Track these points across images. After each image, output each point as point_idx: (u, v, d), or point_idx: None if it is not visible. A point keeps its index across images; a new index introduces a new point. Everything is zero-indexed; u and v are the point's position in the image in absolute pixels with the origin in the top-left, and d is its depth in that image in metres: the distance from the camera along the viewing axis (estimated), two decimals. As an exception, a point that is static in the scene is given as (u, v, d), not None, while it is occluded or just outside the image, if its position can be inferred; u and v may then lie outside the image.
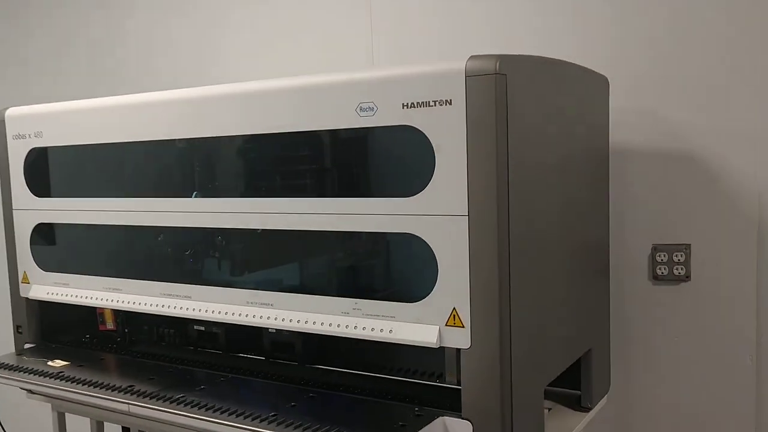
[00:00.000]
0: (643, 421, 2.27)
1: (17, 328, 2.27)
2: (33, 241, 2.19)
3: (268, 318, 1.72)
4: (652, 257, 2.20)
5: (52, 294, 2.15)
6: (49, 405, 2.20)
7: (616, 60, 2.16)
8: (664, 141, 2.17)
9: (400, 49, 2.51)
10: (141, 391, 1.74)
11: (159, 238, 1.95)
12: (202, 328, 2.03)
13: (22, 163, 2.17)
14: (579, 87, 1.87)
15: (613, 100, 2.06)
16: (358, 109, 1.54)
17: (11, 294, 2.27)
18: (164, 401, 1.67)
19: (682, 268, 2.17)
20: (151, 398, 1.69)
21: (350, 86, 1.56)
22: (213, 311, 1.81)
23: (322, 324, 1.64)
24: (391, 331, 1.55)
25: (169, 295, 1.90)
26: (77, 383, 1.85)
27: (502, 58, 1.42)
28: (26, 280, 2.22)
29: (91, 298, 2.06)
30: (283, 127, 1.65)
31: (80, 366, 1.99)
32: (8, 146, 2.20)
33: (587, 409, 1.94)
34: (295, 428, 1.46)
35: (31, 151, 2.15)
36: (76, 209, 2.07)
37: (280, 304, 1.71)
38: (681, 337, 2.19)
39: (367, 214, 1.57)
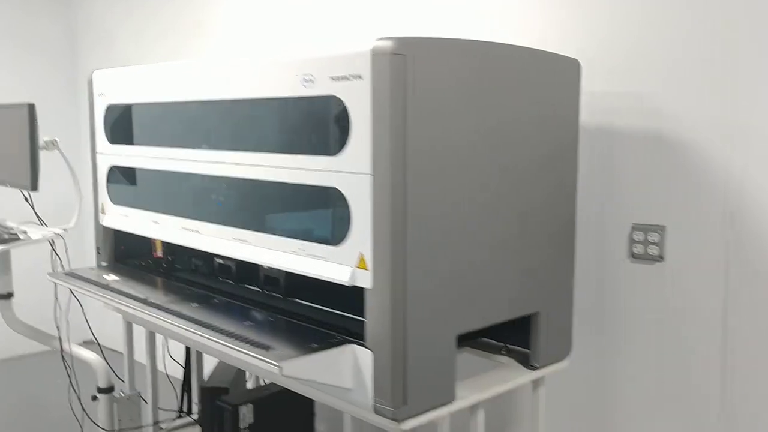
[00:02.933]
0: (613, 390, 2.38)
1: (97, 250, 2.82)
2: (108, 179, 2.71)
3: (241, 252, 2.10)
4: (631, 236, 2.30)
5: (116, 223, 2.66)
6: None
7: (598, 44, 2.26)
8: (644, 124, 2.24)
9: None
10: (150, 301, 2.19)
11: (185, 183, 2.38)
12: (222, 261, 2.43)
13: (102, 116, 2.69)
14: (530, 70, 2.01)
15: (595, 83, 2.18)
16: (302, 80, 1.85)
17: (95, 221, 2.82)
18: (160, 311, 2.10)
19: (656, 248, 2.25)
20: (152, 307, 2.13)
21: (297, 62, 1.86)
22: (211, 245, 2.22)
23: (266, 258, 2.00)
24: (314, 267, 1.87)
25: (186, 229, 2.33)
26: (110, 291, 2.33)
27: (402, 41, 1.65)
28: (103, 211, 2.76)
29: (138, 228, 2.54)
30: (245, 94, 2.00)
31: (126, 281, 2.48)
32: (94, 102, 2.73)
33: (534, 368, 2.12)
34: (229, 336, 1.83)
35: (108, 106, 2.66)
36: (135, 155, 2.55)
37: (256, 242, 2.08)
38: (654, 314, 2.28)
39: (300, 169, 1.88)
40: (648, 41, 2.21)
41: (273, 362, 1.67)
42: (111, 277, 2.54)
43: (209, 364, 3.03)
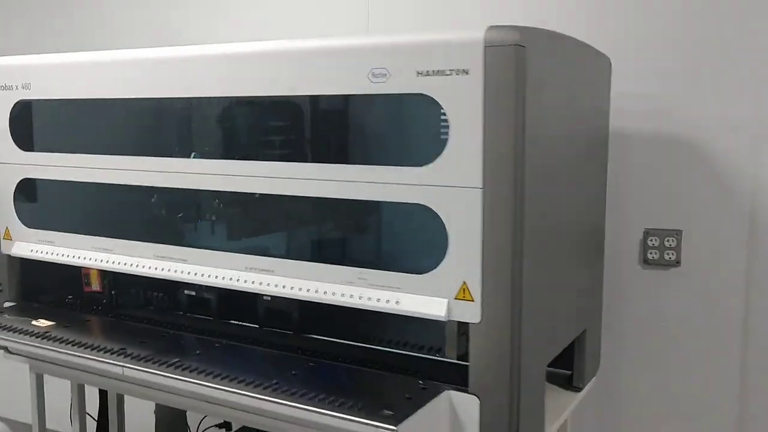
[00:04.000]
0: (630, 401, 2.30)
1: (-5, 286, 2.20)
2: (17, 196, 2.11)
3: (268, 285, 1.69)
4: (644, 242, 2.22)
5: (37, 252, 2.08)
6: (27, 366, 2.15)
7: (619, 43, 2.15)
8: (661, 126, 2.17)
9: (397, 17, 2.47)
10: (135, 354, 1.70)
11: (153, 199, 1.90)
12: (193, 293, 1.98)
13: (7, 116, 2.09)
14: (587, 65, 1.86)
15: (613, 82, 2.05)
16: (371, 74, 1.51)
17: (-10, 251, 2.20)
18: (160, 365, 1.63)
19: (672, 254, 2.19)
20: (146, 361, 1.65)
21: (363, 51, 1.52)
22: (210, 276, 1.77)
23: (325, 293, 1.61)
24: (397, 302, 1.53)
25: (163, 258, 1.86)
26: (66, 344, 1.80)
27: (522, 30, 1.40)
28: (8, 236, 2.15)
29: (79, 257, 2.00)
30: (292, 90, 1.61)
31: (66, 327, 1.94)
32: (-10, 97, 2.12)
33: (578, 389, 1.95)
34: (301, 396, 1.44)
35: (17, 103, 2.07)
36: (66, 165, 2.00)
37: (281, 271, 1.68)
38: (669, 321, 2.22)
39: (375, 183, 1.54)
40: (665, 40, 2.14)
41: (390, 427, 1.33)
42: (42, 323, 1.97)
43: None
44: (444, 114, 1.44)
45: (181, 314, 2.02)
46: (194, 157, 1.80)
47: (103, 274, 2.09)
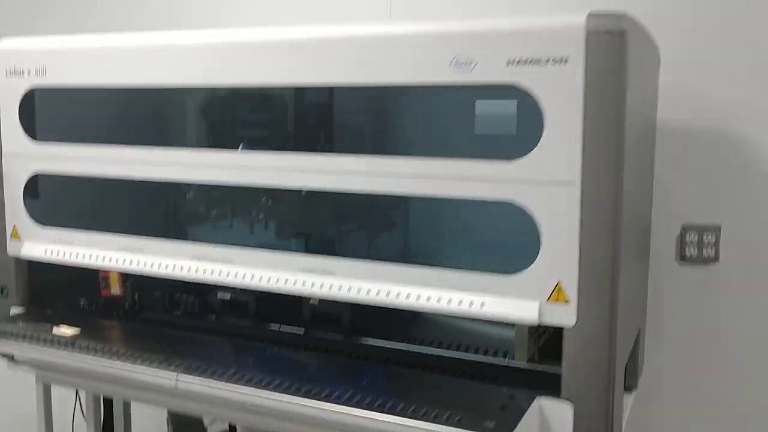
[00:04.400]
0: (668, 400, 2.26)
1: (1, 290, 2.01)
2: (28, 191, 1.93)
3: (331, 288, 1.58)
4: (681, 238, 2.18)
5: (52, 253, 1.91)
6: (33, 377, 1.98)
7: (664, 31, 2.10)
8: (700, 120, 2.14)
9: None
10: (186, 364, 1.56)
11: (189, 194, 1.76)
12: (228, 296, 1.85)
13: (18, 103, 1.91)
14: (648, 54, 1.80)
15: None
16: (453, 63, 1.41)
17: (-9, 251, 2.01)
18: (220, 376, 1.50)
19: (711, 250, 2.16)
20: (202, 372, 1.51)
21: (445, 38, 1.42)
22: (262, 279, 1.64)
23: (398, 296, 1.51)
24: (482, 305, 1.44)
25: (204, 258, 1.72)
26: (104, 354, 1.64)
27: (623, 16, 1.32)
28: (16, 236, 1.97)
29: (105, 258, 1.84)
30: (365, 80, 1.50)
31: (93, 334, 1.78)
32: None
33: (631, 389, 1.90)
34: (392, 409, 1.34)
35: (31, 89, 1.89)
36: (88, 158, 1.84)
37: (344, 273, 1.57)
38: (707, 319, 2.19)
39: (462, 179, 1.44)
40: (707, 30, 2.10)
41: (499, 441, 1.24)
42: (66, 331, 1.80)
43: None
44: (536, 106, 1.36)
45: (214, 318, 1.88)
46: (243, 149, 1.67)
47: (125, 276, 1.94)
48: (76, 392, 2.25)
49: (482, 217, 1.50)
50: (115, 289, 1.97)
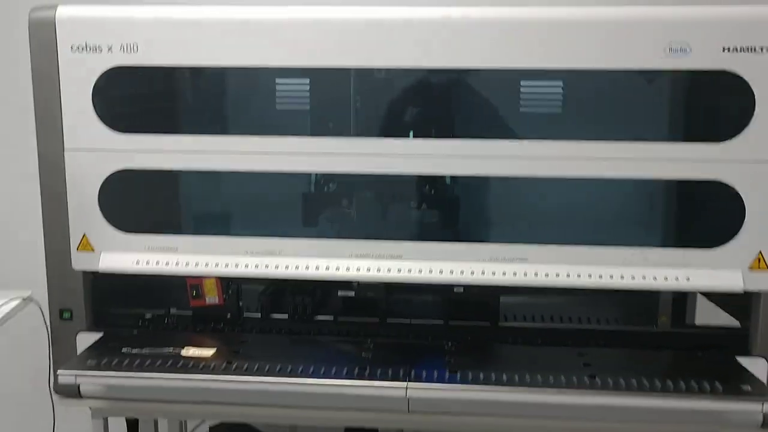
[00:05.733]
0: None
1: (61, 314, 1.66)
2: (105, 193, 1.61)
3: (525, 274, 1.56)
4: None
5: (151, 263, 1.61)
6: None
7: None
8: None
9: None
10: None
11: (328, 188, 1.61)
12: (351, 294, 1.72)
13: (91, 87, 1.57)
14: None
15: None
16: (668, 49, 1.47)
17: (50, 267, 1.65)
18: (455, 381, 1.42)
19: None
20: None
21: (662, 24, 1.47)
22: (446, 271, 1.57)
23: (600, 277, 1.55)
24: (688, 279, 1.53)
25: (368, 256, 1.59)
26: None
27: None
28: (87, 247, 1.63)
29: (232, 265, 1.61)
30: (574, 63, 1.49)
31: (236, 352, 1.55)
32: (60, 61, 1.57)
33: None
34: (662, 391, 1.39)
35: (110, 70, 1.57)
36: (207, 150, 1.58)
37: (536, 258, 1.56)
38: None
39: (665, 159, 1.51)
40: None
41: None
42: (199, 352, 1.55)
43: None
44: (749, 91, 1.46)
45: (332, 319, 1.74)
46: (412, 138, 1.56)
47: (226, 282, 1.71)
48: (155, 423, 1.93)
49: (682, 196, 1.58)
50: (212, 297, 1.73)
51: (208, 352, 1.55)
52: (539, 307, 1.73)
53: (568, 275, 1.55)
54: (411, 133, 1.56)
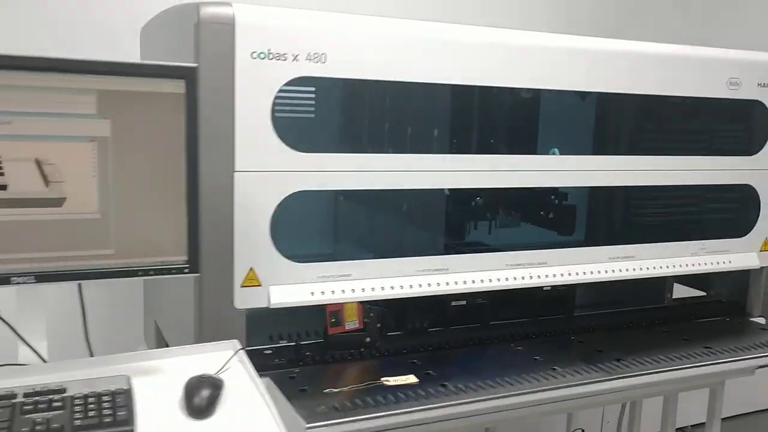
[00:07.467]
0: None
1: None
2: (279, 220, 1.42)
3: (634, 270, 1.83)
4: None
5: (329, 292, 1.47)
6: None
7: None
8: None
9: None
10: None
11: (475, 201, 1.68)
12: (464, 302, 1.79)
13: (272, 99, 1.38)
14: None
15: None
16: (728, 83, 1.87)
17: (202, 308, 1.40)
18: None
19: None
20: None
21: (724, 62, 1.86)
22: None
23: (671, 267, 1.89)
24: (730, 261, 1.97)
25: (521, 265, 1.69)
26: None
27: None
28: (254, 282, 1.42)
29: (408, 286, 1.55)
30: (656, 90, 1.79)
31: (442, 384, 1.51)
32: (236, 69, 1.35)
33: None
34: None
35: (293, 81, 1.39)
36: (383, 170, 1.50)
37: (643, 255, 1.85)
38: None
39: (719, 170, 1.92)
40: None
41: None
42: (395, 381, 1.47)
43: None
44: (769, 116, 1.95)
45: (448, 329, 1.79)
46: (552, 153, 1.71)
47: (366, 306, 1.63)
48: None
49: (720, 199, 1.99)
50: (352, 323, 1.63)
51: (410, 379, 1.50)
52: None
53: (662, 267, 1.87)
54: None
